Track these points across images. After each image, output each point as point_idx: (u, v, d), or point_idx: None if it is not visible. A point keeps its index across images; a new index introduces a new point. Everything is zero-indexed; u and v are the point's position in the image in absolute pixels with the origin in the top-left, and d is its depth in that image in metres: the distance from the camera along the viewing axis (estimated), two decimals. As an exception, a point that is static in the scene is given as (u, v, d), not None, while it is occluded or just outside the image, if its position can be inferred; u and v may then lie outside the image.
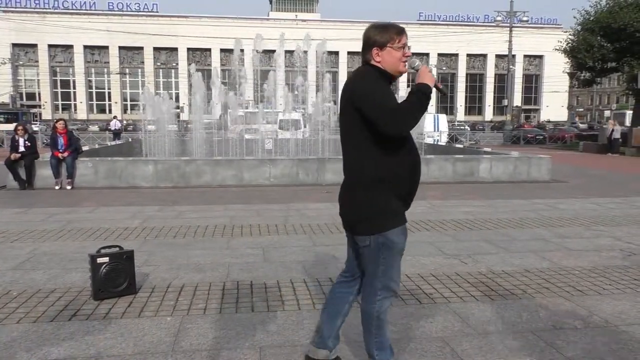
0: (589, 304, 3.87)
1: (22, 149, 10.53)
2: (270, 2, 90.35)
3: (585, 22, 28.80)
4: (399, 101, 2.36)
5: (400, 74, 2.49)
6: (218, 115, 18.46)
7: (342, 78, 63.78)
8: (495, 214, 7.64)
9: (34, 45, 71.47)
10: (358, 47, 2.55)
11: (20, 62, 71.75)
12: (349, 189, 2.49)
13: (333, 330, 2.71)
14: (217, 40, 69.15)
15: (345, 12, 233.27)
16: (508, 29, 37.35)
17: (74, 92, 74.35)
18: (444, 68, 78.04)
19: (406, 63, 2.47)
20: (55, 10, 71.70)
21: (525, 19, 38.55)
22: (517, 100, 73.55)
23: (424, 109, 2.34)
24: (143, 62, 75.04)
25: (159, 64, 75.74)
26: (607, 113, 75.07)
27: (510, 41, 36.33)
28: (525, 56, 78.99)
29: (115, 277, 3.93)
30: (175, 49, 74.66)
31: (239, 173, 11.19)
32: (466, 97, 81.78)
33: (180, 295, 4.06)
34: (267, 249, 5.52)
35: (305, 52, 16.59)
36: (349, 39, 68.87)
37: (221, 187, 10.79)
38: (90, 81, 75.36)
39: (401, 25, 2.47)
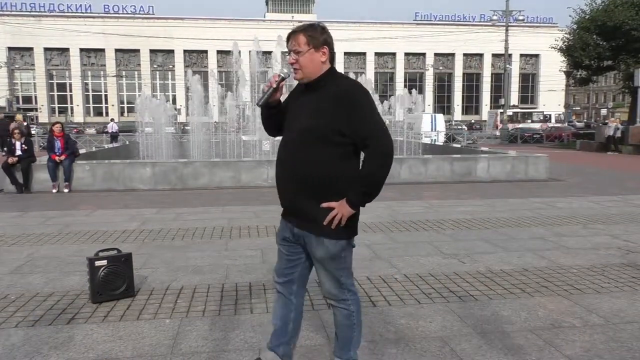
0: (588, 302, 3.88)
1: (19, 152, 10.51)
2: (267, 3, 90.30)
3: (580, 21, 28.91)
4: None
5: (295, 79, 2.42)
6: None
7: (339, 79, 63.67)
8: (493, 213, 7.65)
9: (30, 49, 71.25)
10: (355, 47, 2.56)
11: (16, 66, 71.60)
12: None
13: None
14: (213, 42, 69.08)
15: (342, 13, 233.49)
16: (504, 28, 37.40)
17: (71, 95, 74.16)
18: (441, 68, 78.13)
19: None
20: (51, 14, 71.49)
21: (521, 18, 38.60)
22: (514, 99, 73.72)
23: (261, 116, 2.57)
24: (139, 65, 74.88)
25: (155, 66, 75.61)
26: (603, 111, 75.29)
27: (506, 40, 36.40)
28: (521, 55, 79.05)
29: (113, 280, 3.92)
30: (172, 51, 74.53)
31: (236, 175, 11.18)
32: (463, 96, 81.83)
33: (179, 297, 4.05)
34: (266, 250, 5.51)
35: None
36: (345, 40, 68.84)
37: (219, 189, 10.78)
38: (86, 84, 75.19)
39: (293, 29, 2.40)
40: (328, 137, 2.28)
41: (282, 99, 2.52)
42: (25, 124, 27.08)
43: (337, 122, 2.26)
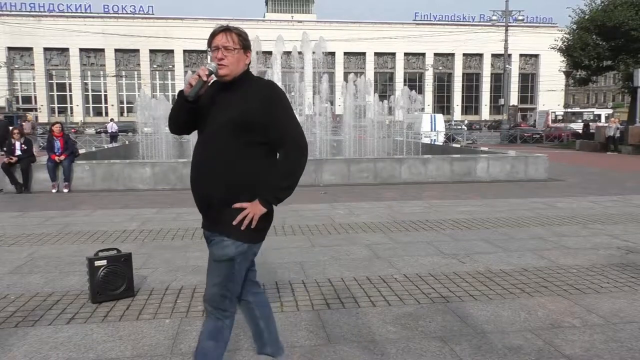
0: (587, 302, 3.88)
1: (18, 152, 10.51)
2: (266, 3, 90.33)
3: (580, 21, 28.93)
4: None
5: (218, 75, 2.36)
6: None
7: (339, 79, 63.82)
8: (493, 213, 7.65)
9: (30, 49, 71.25)
10: (354, 47, 2.53)
11: (16, 66, 71.61)
12: None
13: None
14: (213, 42, 69.03)
15: (341, 13, 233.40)
16: (504, 28, 37.40)
17: (70, 95, 74.17)
18: (440, 68, 78.17)
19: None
20: (51, 14, 71.50)
21: (520, 18, 38.63)
22: (514, 99, 73.72)
23: (175, 111, 2.44)
24: (139, 65, 74.90)
25: (155, 66, 75.62)
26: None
27: (506, 40, 36.38)
28: (521, 55, 79.12)
29: (113, 280, 3.92)
30: (172, 51, 74.55)
31: (236, 175, 11.16)
32: (463, 96, 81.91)
33: (179, 297, 4.05)
34: (266, 250, 5.50)
35: (301, 53, 16.59)
36: (345, 40, 68.89)
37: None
38: (86, 84, 75.19)
39: (219, 26, 2.39)
40: (250, 134, 2.29)
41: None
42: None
43: (260, 120, 2.28)
